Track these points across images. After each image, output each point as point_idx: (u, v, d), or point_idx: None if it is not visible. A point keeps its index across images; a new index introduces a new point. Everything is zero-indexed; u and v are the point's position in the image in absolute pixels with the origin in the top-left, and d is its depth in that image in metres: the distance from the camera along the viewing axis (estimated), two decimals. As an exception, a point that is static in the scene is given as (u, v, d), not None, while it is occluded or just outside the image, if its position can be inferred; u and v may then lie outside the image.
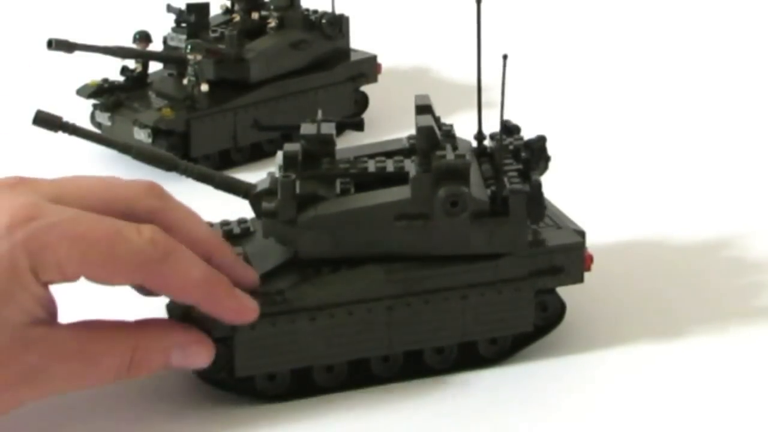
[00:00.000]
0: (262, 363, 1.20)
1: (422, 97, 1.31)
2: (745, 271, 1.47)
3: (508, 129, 1.35)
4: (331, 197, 1.23)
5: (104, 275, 1.14)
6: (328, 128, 1.28)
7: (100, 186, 1.20)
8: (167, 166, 1.27)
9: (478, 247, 1.23)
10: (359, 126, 1.66)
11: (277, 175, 1.25)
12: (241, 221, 1.34)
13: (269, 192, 1.24)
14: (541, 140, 1.30)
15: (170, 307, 1.23)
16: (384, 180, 1.26)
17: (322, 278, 1.22)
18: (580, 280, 1.27)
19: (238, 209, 1.33)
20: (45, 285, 1.13)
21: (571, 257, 1.26)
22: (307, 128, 1.29)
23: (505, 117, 1.34)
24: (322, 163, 1.27)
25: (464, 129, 1.37)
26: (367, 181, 1.27)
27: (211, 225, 1.31)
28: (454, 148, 1.26)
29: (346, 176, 1.27)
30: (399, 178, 1.25)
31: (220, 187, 1.29)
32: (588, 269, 1.28)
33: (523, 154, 1.29)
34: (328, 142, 1.28)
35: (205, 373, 1.20)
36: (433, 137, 1.24)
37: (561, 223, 1.30)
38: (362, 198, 1.24)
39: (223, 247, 1.23)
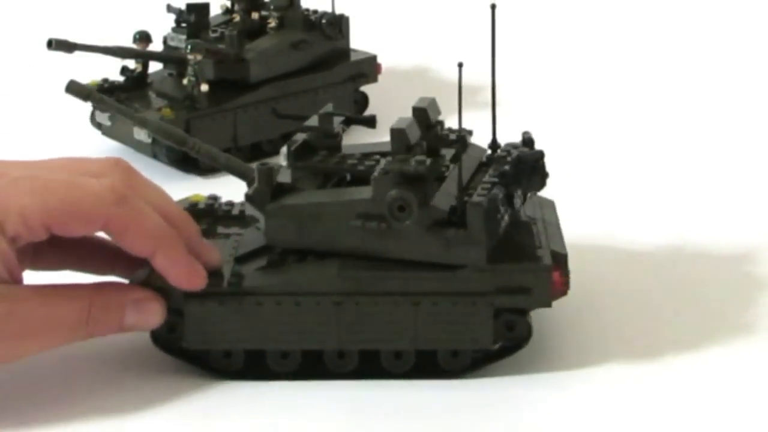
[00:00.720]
0: (211, 339, 1.23)
1: (425, 99, 1.30)
2: (734, 282, 1.45)
3: (525, 142, 1.32)
4: (309, 189, 1.25)
5: (66, 221, 1.18)
6: (335, 122, 1.30)
7: (67, 164, 1.26)
8: (178, 142, 1.35)
9: (435, 255, 1.21)
10: (371, 123, 1.66)
11: (284, 163, 1.28)
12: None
13: (253, 179, 1.28)
14: (534, 155, 1.27)
15: (131, 280, 1.27)
16: (369, 179, 1.26)
17: (282, 266, 1.24)
18: (547, 304, 1.23)
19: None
20: (11, 241, 1.17)
21: (537, 279, 1.21)
22: (314, 120, 1.31)
23: (505, 120, 1.34)
24: (317, 156, 1.28)
25: (464, 129, 1.37)
26: (357, 179, 1.28)
27: (214, 199, 1.39)
28: (457, 154, 1.25)
29: (334, 171, 1.28)
30: None
31: (225, 168, 1.35)
32: (557, 294, 1.22)
33: (505, 167, 1.26)
34: (332, 136, 1.29)
35: (164, 342, 1.24)
36: (402, 140, 1.23)
37: (545, 242, 1.26)
38: (330, 193, 1.26)
39: (189, 224, 1.27)
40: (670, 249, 1.53)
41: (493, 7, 1.23)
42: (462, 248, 1.21)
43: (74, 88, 1.35)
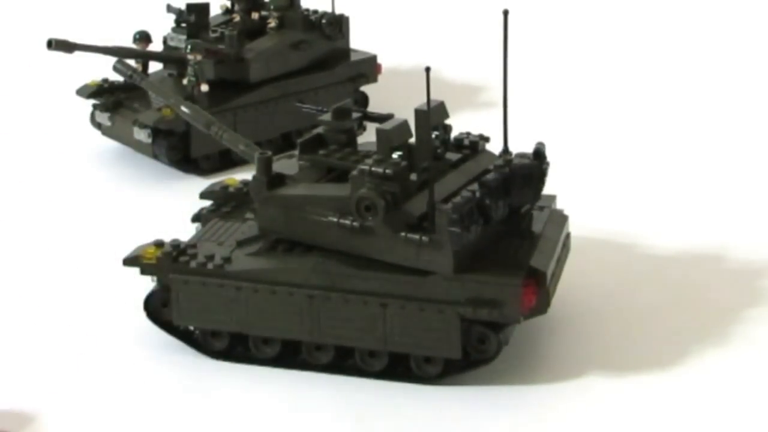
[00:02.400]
0: (195, 318, 1.28)
1: (434, 102, 1.27)
2: (731, 283, 1.45)
3: (535, 153, 1.27)
4: (296, 179, 1.28)
5: None
6: (351, 118, 1.32)
7: None
8: (204, 122, 1.43)
9: (406, 259, 1.21)
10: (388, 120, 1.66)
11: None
12: None
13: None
14: (526, 168, 1.24)
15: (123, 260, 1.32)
16: None
17: (268, 255, 1.27)
18: (516, 320, 1.20)
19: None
20: None
21: (506, 294, 1.19)
22: (327, 115, 1.33)
23: (493, 113, 1.34)
24: (324, 150, 1.30)
25: (464, 130, 1.37)
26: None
27: (246, 184, 1.41)
28: (463, 158, 1.26)
29: (336, 166, 1.29)
30: None
31: (242, 154, 1.40)
32: (528, 311, 1.20)
33: (490, 175, 1.23)
34: (346, 132, 1.31)
35: (157, 315, 1.30)
36: (384, 141, 1.23)
37: (526, 257, 1.23)
38: (318, 187, 1.28)
39: None
40: (677, 254, 1.52)
41: (506, 12, 1.21)
42: (429, 254, 1.20)
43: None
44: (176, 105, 1.47)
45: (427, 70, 1.20)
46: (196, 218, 1.41)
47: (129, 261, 1.30)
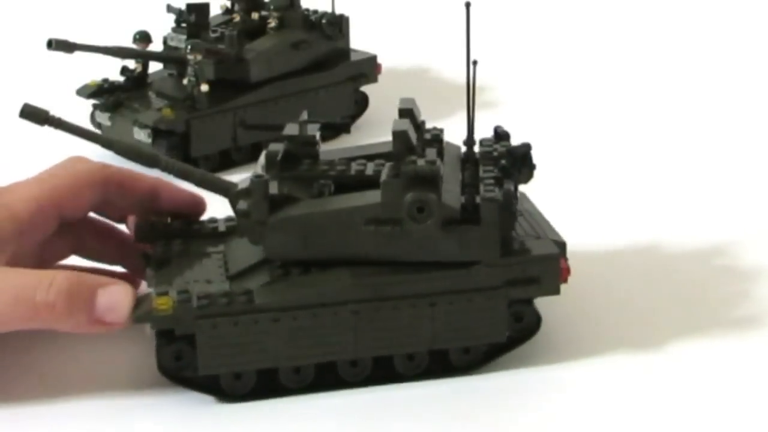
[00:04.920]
0: (226, 362, 1.20)
1: (407, 100, 1.30)
2: (726, 279, 1.45)
3: (498, 135, 1.33)
4: (305, 199, 1.23)
5: (75, 195, 1.30)
6: (312, 129, 1.28)
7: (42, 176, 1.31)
8: (149, 162, 1.30)
9: (448, 254, 1.21)
10: (346, 128, 1.66)
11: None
12: (228, 219, 1.34)
13: (246, 192, 1.23)
14: (524, 148, 1.28)
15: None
16: (362, 183, 1.25)
17: (290, 280, 1.21)
18: (556, 291, 1.24)
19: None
20: (21, 233, 1.23)
21: (547, 268, 1.23)
22: (291, 129, 1.28)
23: (497, 122, 1.34)
24: (303, 165, 1.26)
25: (464, 130, 1.37)
26: (346, 184, 1.26)
27: (200, 222, 1.36)
28: (439, 152, 1.25)
29: (324, 178, 1.26)
30: (377, 181, 1.24)
31: (200, 185, 1.30)
32: (564, 281, 1.25)
33: (502, 162, 1.27)
34: (311, 144, 1.27)
35: (172, 370, 1.20)
36: (406, 142, 1.22)
37: (542, 233, 1.27)
38: (334, 201, 1.23)
39: (168, 182, 1.33)
40: (664, 245, 1.53)
41: (468, 5, 1.22)
42: (476, 245, 1.21)
43: (29, 111, 1.28)
44: (105, 144, 1.32)
45: (474, 63, 1.20)
46: (146, 258, 1.31)
47: (142, 318, 1.19)
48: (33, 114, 1.27)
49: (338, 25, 1.96)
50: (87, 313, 1.18)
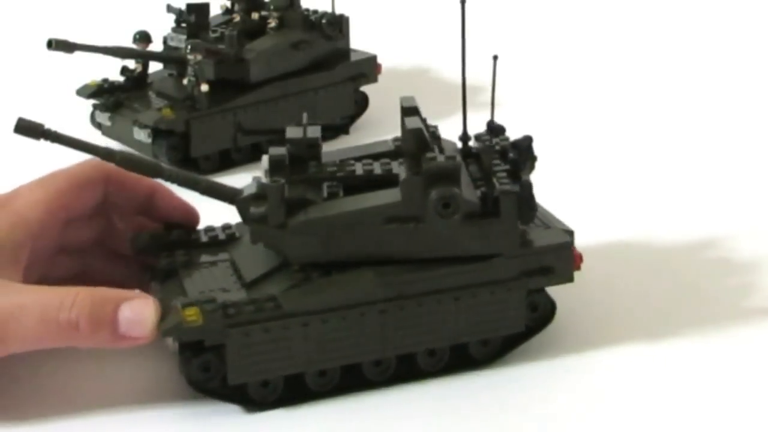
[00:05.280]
0: (255, 370, 1.19)
1: (408, 99, 1.30)
2: (731, 270, 1.46)
3: (493, 129, 1.34)
4: (319, 201, 1.23)
5: (78, 194, 1.30)
6: (314, 131, 1.27)
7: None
8: (152, 172, 1.27)
9: (469, 248, 1.22)
10: (345, 129, 1.66)
11: (264, 179, 1.24)
12: (226, 227, 1.34)
13: (257, 197, 1.23)
14: (527, 140, 1.29)
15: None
16: (372, 183, 1.26)
17: (314, 283, 1.21)
18: (570, 279, 1.27)
19: (225, 215, 1.34)
20: (33, 236, 1.24)
21: (561, 257, 1.26)
22: (292, 132, 1.27)
23: (494, 118, 1.34)
24: (310, 167, 1.26)
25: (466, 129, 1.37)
26: (354, 185, 1.26)
27: (197, 231, 1.35)
28: (440, 149, 1.25)
29: (334, 180, 1.26)
30: (387, 180, 1.25)
31: (205, 193, 1.28)
32: (578, 268, 1.28)
33: (510, 155, 1.28)
34: (314, 146, 1.27)
35: (199, 382, 1.19)
36: (422, 139, 1.23)
37: (549, 223, 1.30)
38: (352, 201, 1.23)
39: (166, 188, 1.33)
40: (656, 239, 1.54)
41: (463, 2, 1.23)
42: (496, 237, 1.22)
43: (24, 126, 1.25)
44: (105, 157, 1.27)
45: (495, 58, 1.21)
46: (151, 272, 1.30)
47: (171, 331, 1.17)
48: (28, 129, 1.24)
49: (338, 25, 1.96)
50: (110, 330, 1.17)
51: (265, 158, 1.26)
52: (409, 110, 1.27)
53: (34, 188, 1.28)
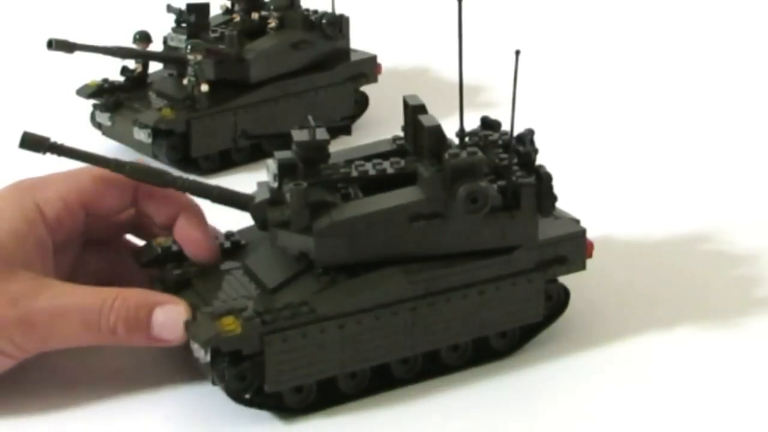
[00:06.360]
0: (292, 376, 1.18)
1: (413, 97, 1.30)
2: (735, 264, 1.48)
3: (489, 124, 1.35)
4: (339, 203, 1.23)
5: (102, 195, 1.28)
6: (322, 134, 1.27)
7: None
8: (163, 181, 1.27)
9: (491, 241, 1.24)
10: (347, 130, 1.65)
11: (273, 183, 1.24)
12: (229, 235, 1.32)
13: (272, 202, 1.23)
14: (530, 133, 1.31)
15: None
16: (385, 182, 1.26)
17: (343, 285, 1.21)
18: (583, 267, 1.30)
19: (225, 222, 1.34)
20: (51, 230, 1.25)
21: (575, 245, 1.29)
22: (299, 135, 1.26)
23: (493, 113, 1.36)
24: (322, 169, 1.26)
25: (467, 128, 1.37)
26: (367, 185, 1.26)
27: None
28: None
29: (347, 181, 1.26)
30: (400, 179, 1.25)
31: (218, 201, 1.28)
32: (590, 256, 1.30)
33: (521, 148, 1.29)
34: (322, 148, 1.26)
35: (237, 391, 1.18)
36: (441, 136, 1.24)
37: (557, 213, 1.31)
38: (373, 202, 1.23)
39: (194, 215, 1.30)
40: (660, 234, 1.56)
41: (460, 1, 1.23)
42: (517, 229, 1.24)
43: (30, 139, 1.25)
44: (116, 169, 1.27)
45: (517, 53, 1.21)
46: (159, 282, 1.29)
47: (211, 341, 1.15)
48: (34, 143, 1.24)
49: (338, 25, 1.96)
50: (145, 333, 1.21)
51: (270, 162, 1.25)
52: (419, 108, 1.28)
53: (59, 183, 1.28)
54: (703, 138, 1.89)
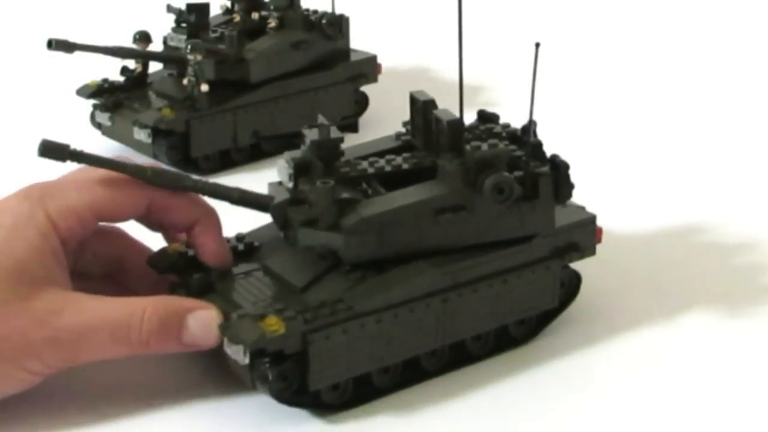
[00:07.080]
0: (333, 373, 1.19)
1: (421, 92, 1.31)
2: (739, 256, 1.48)
3: (487, 117, 1.36)
4: (362, 200, 1.23)
5: (115, 204, 1.25)
6: (334, 132, 1.27)
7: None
8: (183, 186, 1.26)
9: (512, 231, 1.26)
10: (354, 128, 1.65)
11: (288, 183, 1.24)
12: (240, 237, 1.32)
13: (294, 201, 1.23)
14: (534, 125, 1.31)
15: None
16: (399, 178, 1.27)
17: (375, 280, 1.21)
18: (594, 252, 1.33)
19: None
20: (63, 241, 1.21)
21: (586, 231, 1.32)
22: (311, 134, 1.27)
23: (494, 109, 1.37)
24: (338, 167, 1.26)
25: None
26: (384, 181, 1.27)
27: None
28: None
29: (365, 178, 1.27)
30: (417, 173, 1.27)
31: (238, 203, 1.28)
32: (599, 241, 1.33)
33: (531, 139, 1.29)
34: (337, 146, 1.27)
35: (280, 391, 1.17)
36: (461, 130, 1.25)
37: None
38: (398, 197, 1.24)
39: (212, 226, 1.28)
40: (663, 227, 1.57)
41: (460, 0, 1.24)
42: (535, 218, 1.26)
43: (50, 147, 1.21)
44: (135, 172, 1.25)
45: (537, 45, 1.22)
46: (172, 289, 1.28)
47: (257, 343, 1.14)
48: (54, 151, 1.21)
49: (338, 25, 1.96)
50: (177, 341, 1.20)
51: (282, 162, 1.26)
52: (430, 103, 1.29)
53: (71, 192, 1.23)
54: (711, 128, 1.90)
